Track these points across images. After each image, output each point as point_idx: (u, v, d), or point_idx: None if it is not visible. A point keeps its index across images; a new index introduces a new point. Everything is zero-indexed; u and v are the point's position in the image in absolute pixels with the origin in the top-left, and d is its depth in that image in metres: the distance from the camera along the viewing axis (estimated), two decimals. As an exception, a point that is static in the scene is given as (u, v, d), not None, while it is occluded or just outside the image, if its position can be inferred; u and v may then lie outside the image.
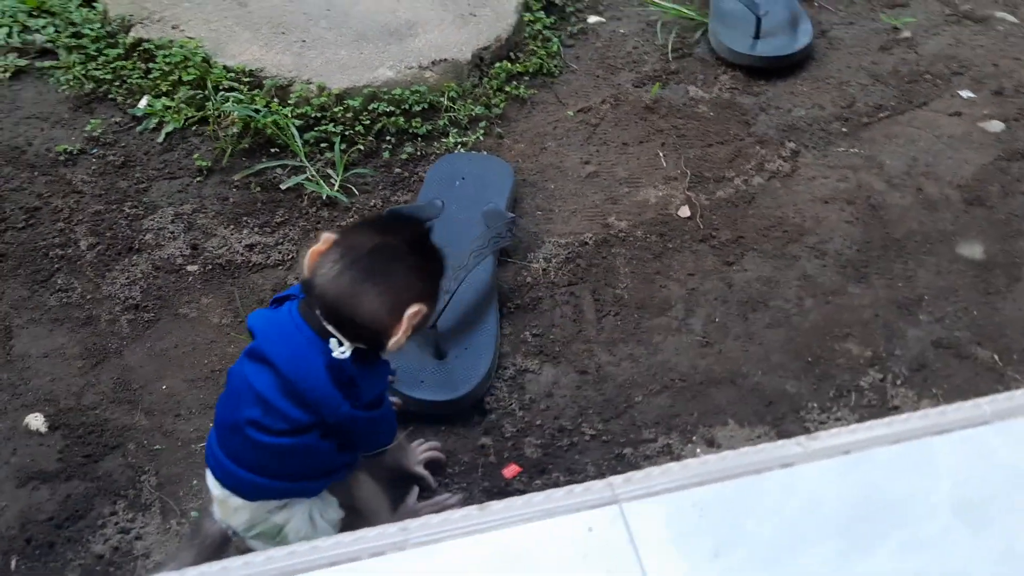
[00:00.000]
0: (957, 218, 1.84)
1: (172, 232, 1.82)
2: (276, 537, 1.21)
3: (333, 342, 1.12)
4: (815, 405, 1.52)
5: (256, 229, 1.82)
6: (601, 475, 1.43)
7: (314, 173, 1.89)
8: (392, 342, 1.13)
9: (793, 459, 1.11)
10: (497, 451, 1.47)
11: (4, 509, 1.40)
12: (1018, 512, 1.05)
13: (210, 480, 1.20)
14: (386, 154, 1.95)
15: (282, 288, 1.72)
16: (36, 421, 1.51)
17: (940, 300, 1.68)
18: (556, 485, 1.42)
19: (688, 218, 1.84)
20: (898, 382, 1.55)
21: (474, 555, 1.02)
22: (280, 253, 1.78)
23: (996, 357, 1.59)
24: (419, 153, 1.97)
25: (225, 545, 1.26)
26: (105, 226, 1.83)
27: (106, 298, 1.70)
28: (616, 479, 1.09)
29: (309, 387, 1.11)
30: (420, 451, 1.43)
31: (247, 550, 1.21)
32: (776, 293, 1.70)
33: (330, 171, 1.90)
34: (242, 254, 1.77)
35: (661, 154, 1.98)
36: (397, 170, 1.94)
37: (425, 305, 1.14)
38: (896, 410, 1.51)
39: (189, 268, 1.75)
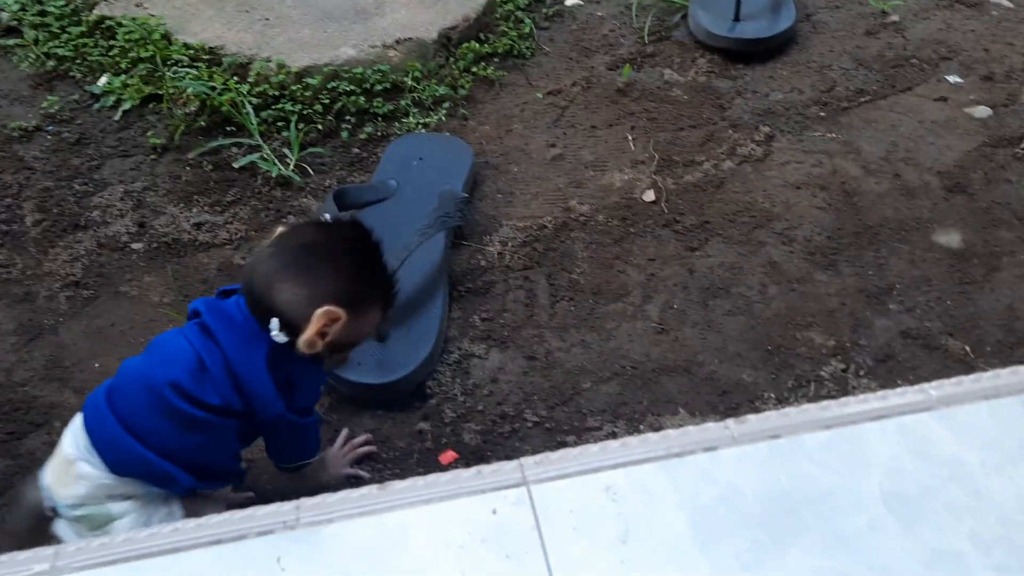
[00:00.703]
0: (936, 206, 1.75)
1: (120, 210, 1.77)
2: (100, 528, 1.10)
3: (274, 322, 1.08)
4: (771, 395, 1.45)
5: (206, 208, 1.77)
6: (540, 464, 1.37)
7: (269, 152, 1.84)
8: (301, 340, 1.07)
9: (717, 443, 1.04)
10: (435, 437, 1.41)
11: (-78, 485, 1.36)
12: (954, 508, 0.97)
13: (67, 439, 1.11)
14: (345, 134, 1.90)
15: (228, 268, 1.67)
16: (-38, 397, 1.46)
17: (912, 290, 1.60)
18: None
19: (653, 202, 1.77)
20: (861, 372, 1.47)
21: (366, 537, 0.96)
22: (228, 232, 1.72)
23: (968, 349, 1.51)
24: (379, 133, 1.91)
25: (40, 524, 1.15)
26: (53, 203, 1.78)
27: (47, 275, 1.65)
28: (528, 460, 1.03)
29: (249, 377, 1.07)
30: (345, 454, 1.35)
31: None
32: (739, 280, 1.62)
33: (286, 151, 1.85)
34: (189, 232, 1.72)
35: (630, 137, 1.91)
36: (355, 150, 1.89)
37: (344, 311, 1.08)
38: (857, 402, 1.43)
39: (134, 246, 1.70)
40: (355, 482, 1.32)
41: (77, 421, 1.12)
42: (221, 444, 1.11)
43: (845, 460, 1.02)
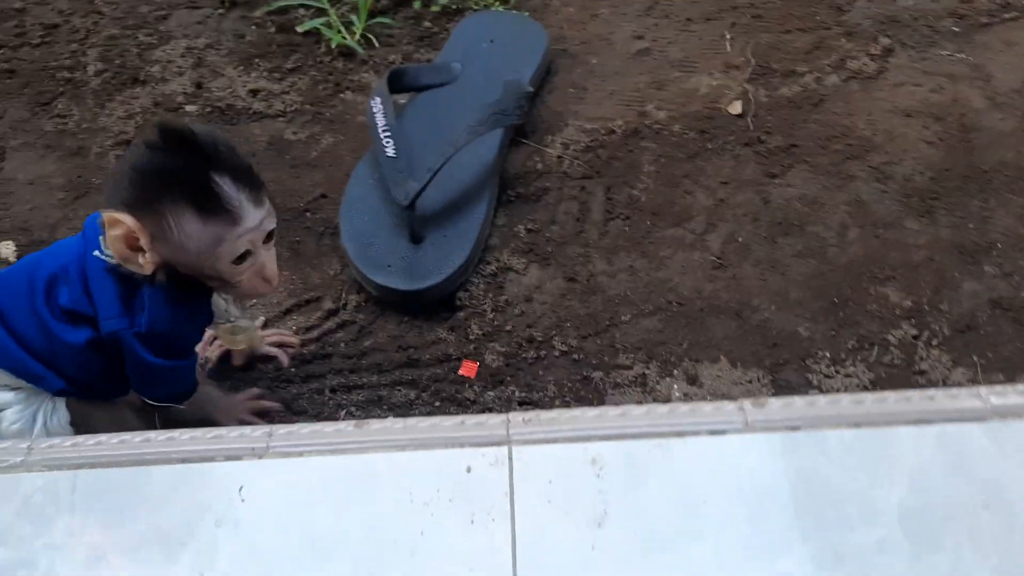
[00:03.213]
0: (1068, 154, 1.52)
1: (179, 67, 1.71)
2: None
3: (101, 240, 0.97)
4: (826, 355, 1.31)
5: (265, 74, 1.70)
6: (561, 396, 1.29)
7: (335, 18, 1.73)
8: (103, 247, 0.96)
9: (727, 426, 0.93)
10: (457, 352, 1.35)
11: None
12: (980, 539, 0.85)
13: None
14: (417, 3, 1.76)
15: (278, 142, 1.60)
16: (7, 250, 1.48)
17: (1015, 251, 1.40)
18: (509, 400, 1.30)
19: (738, 116, 1.59)
20: (934, 342, 1.32)
21: (331, 477, 0.92)
22: (283, 103, 1.65)
23: (1066, 330, 1.33)
24: (454, 7, 1.77)
25: None
26: (116, 52, 1.74)
27: (100, 130, 1.63)
28: (516, 417, 0.95)
29: (96, 276, 0.98)
30: (246, 400, 1.26)
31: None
32: (817, 217, 1.46)
33: (354, 17, 1.73)
34: (244, 100, 1.66)
35: (727, 36, 1.71)
36: (426, 23, 1.76)
37: (135, 219, 0.91)
38: (922, 375, 1.29)
39: (188, 108, 1.65)
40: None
41: None
42: (81, 358, 1.02)
43: (867, 465, 0.90)
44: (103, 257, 0.98)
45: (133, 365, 1.03)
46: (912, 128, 1.55)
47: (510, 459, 0.92)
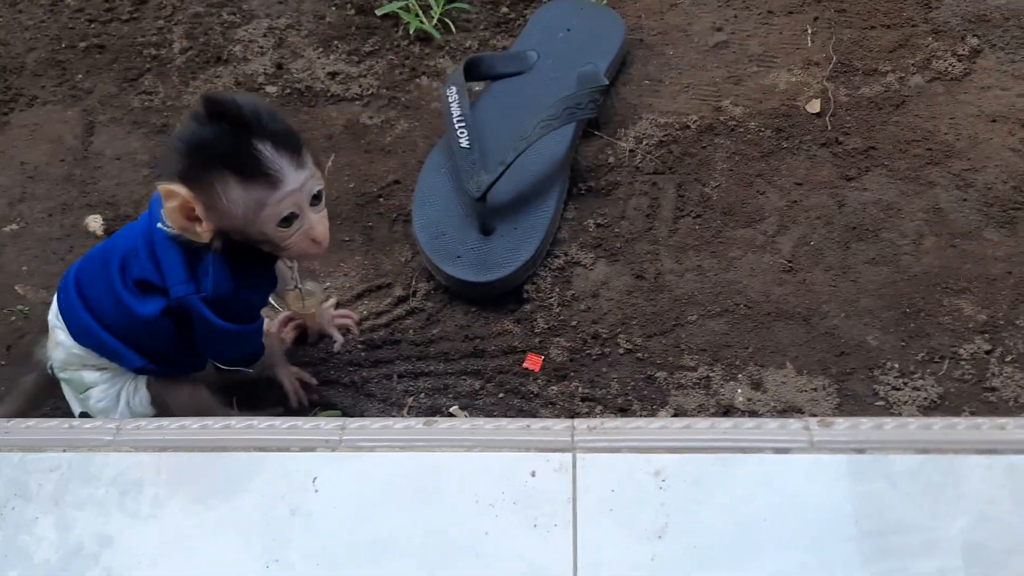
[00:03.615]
0: None
1: (261, 47, 1.75)
2: (81, 392, 1.15)
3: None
4: (895, 366, 1.30)
5: (343, 56, 1.72)
6: (624, 395, 1.31)
7: (414, 2, 1.74)
8: (164, 219, 1.01)
9: (791, 445, 0.94)
10: (523, 344, 1.37)
11: (51, 304, 1.46)
12: (1043, 579, 0.85)
13: (54, 304, 1.15)
14: (496, -11, 1.77)
15: (354, 126, 1.63)
16: (95, 223, 1.54)
17: (1100, 268, 1.37)
18: (572, 395, 1.31)
19: (816, 114, 1.56)
20: (1008, 358, 1.29)
21: (401, 473, 0.95)
22: (360, 87, 1.67)
23: None
24: (532, -7, 1.77)
25: (44, 381, 1.21)
26: (201, 30, 1.78)
27: (184, 108, 1.67)
28: (580, 424, 0.97)
29: (163, 246, 1.03)
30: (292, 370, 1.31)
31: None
32: (893, 224, 1.43)
33: (432, 1, 1.74)
34: (323, 82, 1.68)
35: (809, 31, 1.67)
36: (504, 9, 1.76)
37: (187, 188, 0.96)
38: (993, 392, 1.27)
39: (268, 89, 1.69)
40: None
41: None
42: (156, 327, 1.07)
43: (932, 493, 0.90)
44: (165, 228, 1.04)
45: (201, 329, 1.08)
46: (997, 134, 1.51)
47: (574, 466, 0.94)
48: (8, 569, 0.92)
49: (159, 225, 1.04)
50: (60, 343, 1.13)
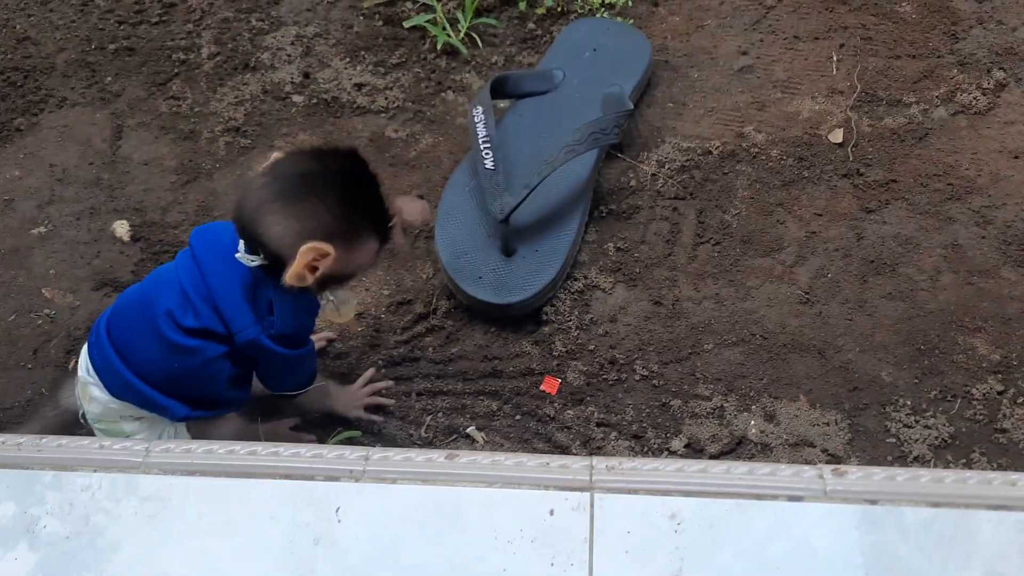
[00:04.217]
0: None
1: (289, 55, 1.76)
2: None
3: (241, 244, 1.08)
4: (908, 403, 1.32)
5: (370, 67, 1.73)
6: (639, 421, 1.33)
7: (441, 15, 1.75)
8: (288, 275, 1.05)
9: (805, 493, 0.96)
10: (540, 367, 1.39)
11: (77, 308, 1.49)
12: (1048, 639, 0.87)
13: (81, 361, 1.17)
14: (523, 4, 1.77)
15: (378, 139, 1.65)
16: (122, 229, 1.56)
17: (1115, 311, 1.38)
18: (588, 420, 1.34)
19: (839, 144, 1.57)
20: (1020, 400, 1.31)
21: (422, 506, 0.97)
22: (386, 99, 1.69)
23: None
24: (559, 8, 1.77)
25: (73, 425, 1.25)
26: (229, 36, 1.79)
27: (211, 115, 1.69)
28: (599, 463, 1.00)
29: (222, 296, 1.06)
30: (361, 395, 1.34)
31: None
32: (911, 259, 1.45)
33: (460, 15, 1.75)
34: (349, 93, 1.70)
35: (835, 57, 1.68)
36: (530, 25, 1.77)
37: (333, 247, 1.04)
38: (1003, 433, 1.28)
39: (295, 98, 1.70)
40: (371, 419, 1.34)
41: (86, 346, 1.18)
42: (211, 370, 1.11)
43: (943, 547, 0.92)
44: (249, 263, 1.08)
45: (267, 362, 1.14)
46: (1019, 171, 1.52)
47: (591, 505, 0.96)
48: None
49: (246, 263, 1.08)
50: (95, 398, 1.15)
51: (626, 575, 0.92)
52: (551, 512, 0.96)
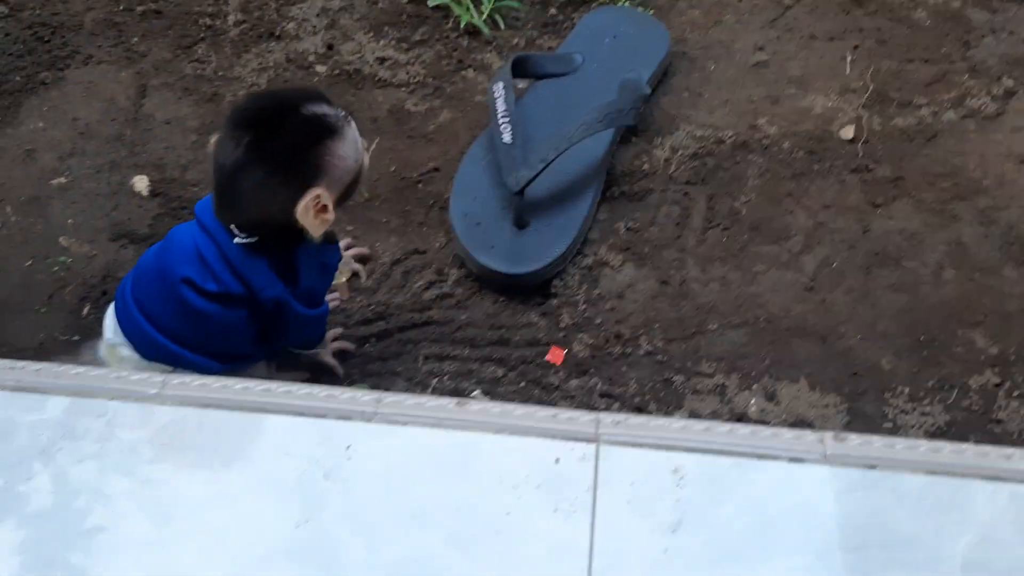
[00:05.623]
0: None
1: (314, 27, 1.79)
2: None
3: (234, 227, 1.10)
4: (905, 391, 1.34)
5: (393, 42, 1.76)
6: (642, 395, 1.35)
7: (466, -5, 1.78)
8: (313, 235, 1.08)
9: (806, 455, 0.99)
10: (547, 338, 1.41)
11: (93, 259, 1.51)
12: (1035, 601, 0.89)
13: (108, 323, 1.19)
14: (546, -10, 1.81)
15: (398, 111, 1.68)
16: (141, 183, 1.59)
17: (1112, 314, 1.41)
18: (591, 391, 1.36)
19: (849, 141, 1.60)
20: (1015, 393, 1.34)
21: (431, 448, 1.00)
22: (407, 74, 1.71)
23: None
24: (582, -4, 1.81)
25: None
26: (256, 4, 1.82)
27: (235, 79, 1.72)
28: (605, 417, 1.02)
29: (241, 261, 1.09)
30: (328, 339, 1.37)
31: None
32: (915, 254, 1.47)
33: (483, -4, 1.79)
34: (371, 66, 1.73)
35: (849, 58, 1.71)
36: (552, 11, 1.80)
37: (317, 186, 1.06)
38: (998, 424, 1.31)
39: (318, 68, 1.73)
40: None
41: (112, 308, 1.21)
42: (236, 332, 1.14)
43: (938, 512, 0.95)
44: (243, 242, 1.10)
45: (290, 320, 1.17)
46: (1023, 175, 1.55)
47: (597, 456, 0.99)
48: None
49: (236, 241, 1.10)
50: (125, 358, 1.18)
51: (627, 523, 0.94)
52: (557, 460, 0.98)
